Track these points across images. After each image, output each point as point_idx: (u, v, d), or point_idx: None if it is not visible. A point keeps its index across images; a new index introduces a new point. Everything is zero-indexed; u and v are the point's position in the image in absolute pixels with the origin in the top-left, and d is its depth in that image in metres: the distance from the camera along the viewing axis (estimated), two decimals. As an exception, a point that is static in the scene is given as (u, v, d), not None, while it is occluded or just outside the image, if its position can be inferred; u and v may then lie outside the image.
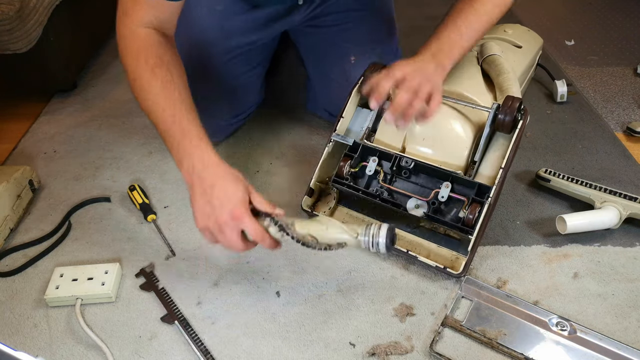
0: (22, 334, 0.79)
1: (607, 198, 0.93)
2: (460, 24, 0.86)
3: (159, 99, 0.78)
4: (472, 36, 0.86)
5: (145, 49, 0.80)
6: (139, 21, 0.81)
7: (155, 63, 0.79)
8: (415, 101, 0.79)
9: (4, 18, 1.08)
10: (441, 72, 0.83)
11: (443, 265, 0.83)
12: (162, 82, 0.78)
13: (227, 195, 0.72)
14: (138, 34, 0.81)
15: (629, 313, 0.80)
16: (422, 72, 0.80)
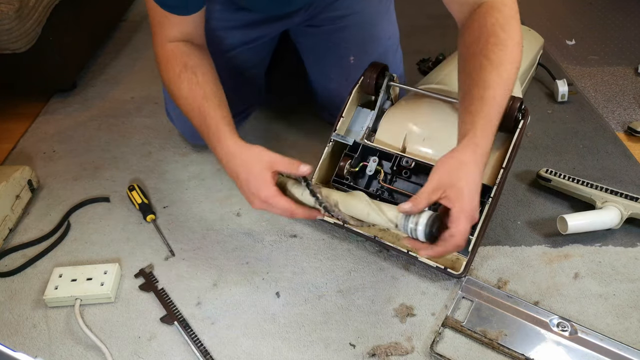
0: (21, 335, 0.79)
1: (608, 198, 0.93)
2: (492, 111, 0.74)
3: (188, 100, 0.84)
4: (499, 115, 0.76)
5: (171, 60, 0.85)
6: (166, 38, 0.86)
7: (180, 70, 0.84)
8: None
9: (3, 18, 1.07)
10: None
11: (443, 266, 0.83)
12: (187, 85, 0.83)
13: (251, 182, 0.75)
14: (166, 49, 0.86)
15: (630, 313, 0.80)
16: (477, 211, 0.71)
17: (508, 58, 0.75)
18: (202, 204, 1.02)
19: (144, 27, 1.72)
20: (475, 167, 0.70)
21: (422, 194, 0.71)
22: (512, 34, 0.76)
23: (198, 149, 1.16)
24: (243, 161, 0.77)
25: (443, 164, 0.71)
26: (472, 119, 0.73)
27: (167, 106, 1.13)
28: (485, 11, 0.78)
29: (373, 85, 0.95)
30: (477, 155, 0.71)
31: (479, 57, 0.76)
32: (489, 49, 0.75)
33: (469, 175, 0.69)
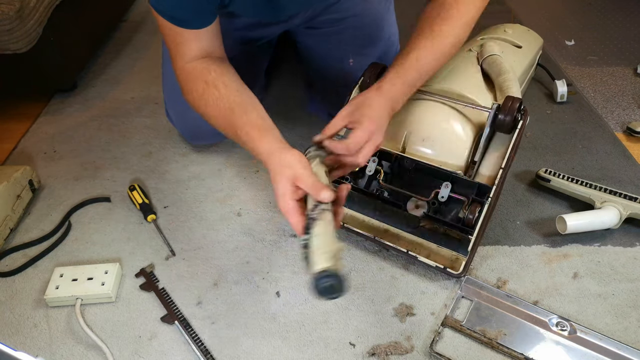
0: (22, 334, 0.79)
1: (607, 198, 0.93)
2: (421, 65, 0.83)
3: (218, 120, 0.83)
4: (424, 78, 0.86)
5: (192, 82, 0.84)
6: (185, 59, 0.85)
7: (202, 89, 0.83)
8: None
9: (4, 18, 1.08)
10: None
11: (443, 265, 0.83)
12: (212, 102, 0.82)
13: (276, 191, 0.74)
14: (185, 71, 0.85)
15: (629, 313, 0.80)
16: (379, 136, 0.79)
17: (449, 32, 0.82)
18: (202, 203, 1.02)
19: (144, 28, 1.72)
20: (378, 101, 0.79)
21: (331, 124, 0.79)
22: (463, 13, 0.83)
23: (198, 149, 1.16)
24: (273, 168, 0.76)
25: (351, 100, 0.81)
26: (388, 70, 0.83)
27: (167, 106, 1.13)
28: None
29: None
30: (379, 96, 0.80)
31: (424, 26, 0.84)
32: (436, 22, 0.83)
33: (372, 105, 0.79)
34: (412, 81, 0.82)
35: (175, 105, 1.09)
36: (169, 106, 1.12)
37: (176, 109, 1.09)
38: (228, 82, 0.84)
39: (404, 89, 0.82)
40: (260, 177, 1.08)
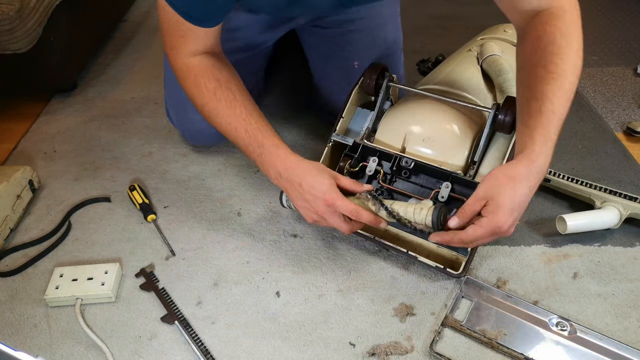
0: (22, 334, 0.79)
1: (607, 198, 0.93)
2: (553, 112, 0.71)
3: (229, 119, 0.83)
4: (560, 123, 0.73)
5: (202, 76, 0.83)
6: (189, 52, 0.84)
7: (215, 86, 0.83)
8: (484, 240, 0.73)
9: (4, 18, 1.08)
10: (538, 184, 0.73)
11: (443, 266, 0.83)
12: (226, 103, 0.83)
13: (316, 188, 0.77)
14: (192, 64, 0.84)
15: (629, 313, 0.80)
16: (516, 219, 0.72)
17: (569, 68, 0.72)
18: (202, 203, 1.02)
19: (144, 28, 1.72)
20: (525, 183, 0.69)
21: (467, 205, 0.73)
22: (572, 42, 0.73)
23: (198, 149, 1.16)
24: (308, 169, 0.79)
25: (493, 176, 0.72)
26: (530, 133, 0.71)
27: (168, 107, 1.13)
28: (545, 20, 0.75)
29: (373, 86, 0.95)
30: (530, 172, 0.70)
31: (537, 67, 0.74)
32: (548, 59, 0.73)
33: (515, 191, 0.69)
34: (557, 135, 0.72)
35: (176, 107, 1.09)
36: (170, 107, 1.12)
37: (177, 110, 1.09)
38: (239, 86, 0.85)
39: (553, 149, 0.71)
40: (260, 177, 1.08)
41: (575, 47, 0.73)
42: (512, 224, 0.70)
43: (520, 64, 0.79)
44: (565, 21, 0.74)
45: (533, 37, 0.76)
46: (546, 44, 0.73)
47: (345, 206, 0.77)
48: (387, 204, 0.79)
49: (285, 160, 0.80)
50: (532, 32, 0.76)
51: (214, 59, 0.85)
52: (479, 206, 0.72)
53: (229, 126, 0.83)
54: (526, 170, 0.69)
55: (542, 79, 0.72)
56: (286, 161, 0.80)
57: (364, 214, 0.77)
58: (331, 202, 0.76)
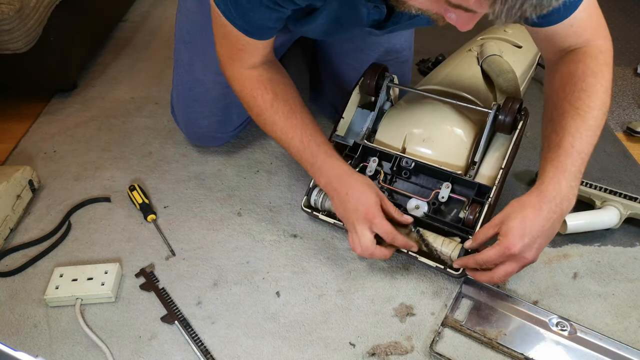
0: (22, 334, 0.79)
1: (608, 198, 0.93)
2: (578, 151, 0.72)
3: (285, 129, 0.86)
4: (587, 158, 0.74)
5: (259, 88, 0.86)
6: (247, 64, 0.86)
7: (272, 98, 0.86)
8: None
9: (4, 18, 1.08)
10: (561, 220, 0.74)
11: (443, 266, 0.83)
12: (283, 114, 0.86)
13: (361, 200, 0.80)
14: (250, 76, 0.87)
15: (629, 313, 0.80)
16: (537, 255, 0.73)
17: (595, 104, 0.72)
18: (202, 203, 1.02)
19: (144, 28, 1.72)
20: (535, 212, 0.71)
21: (481, 232, 0.77)
22: (602, 81, 0.74)
23: (198, 149, 1.16)
24: (359, 182, 0.82)
25: (509, 205, 0.74)
26: (545, 166, 0.73)
27: (175, 108, 1.12)
28: (580, 58, 0.75)
29: (373, 86, 0.95)
30: (541, 201, 0.71)
31: (563, 102, 0.74)
32: (575, 96, 0.73)
33: (525, 217, 0.71)
34: (577, 169, 0.72)
35: (185, 112, 1.08)
36: (178, 109, 1.10)
37: (186, 115, 1.08)
38: (296, 97, 0.89)
39: (570, 183, 0.71)
40: (260, 177, 1.08)
41: (605, 86, 0.74)
42: (523, 248, 0.71)
43: (547, 98, 0.80)
44: (598, 62, 0.75)
45: (564, 72, 0.76)
46: (576, 81, 0.74)
47: (383, 226, 0.79)
48: (419, 228, 0.84)
49: (338, 169, 0.83)
50: (563, 67, 0.77)
51: (271, 72, 0.88)
52: (492, 231, 0.75)
53: (285, 135, 0.86)
54: (536, 200, 0.71)
55: (566, 114, 0.73)
56: (338, 171, 0.83)
57: (399, 239, 0.80)
58: (371, 217, 0.79)
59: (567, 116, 0.73)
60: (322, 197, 0.92)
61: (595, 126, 0.73)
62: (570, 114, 0.73)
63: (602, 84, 0.74)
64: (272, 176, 1.08)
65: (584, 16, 0.75)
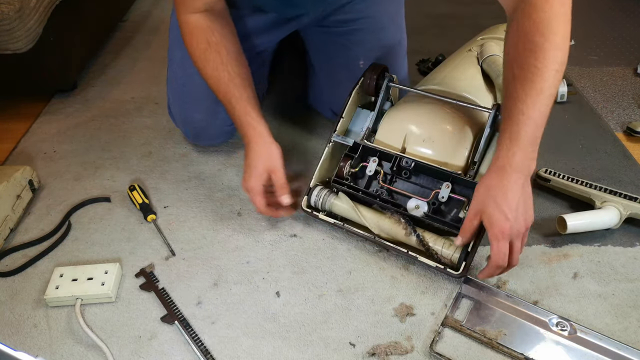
0: (22, 334, 0.79)
1: (607, 198, 0.93)
2: (529, 113, 0.71)
3: (212, 80, 0.92)
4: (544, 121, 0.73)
5: (196, 35, 0.90)
6: (190, 8, 0.90)
7: (204, 48, 0.90)
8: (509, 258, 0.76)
9: (4, 18, 1.08)
10: (529, 184, 0.75)
11: (443, 266, 0.83)
12: (212, 65, 0.90)
13: (251, 168, 0.90)
14: (190, 21, 0.90)
15: (629, 313, 0.80)
16: (519, 225, 0.74)
17: (544, 64, 0.70)
18: (202, 203, 1.02)
19: (144, 28, 1.72)
20: (503, 190, 0.72)
21: (465, 225, 0.78)
22: (550, 37, 0.70)
23: (198, 149, 1.16)
24: (255, 151, 0.91)
25: (476, 191, 0.77)
26: (500, 136, 0.74)
27: (171, 106, 1.12)
28: (526, 12, 0.71)
29: (373, 86, 0.95)
30: (502, 179, 0.72)
31: (513, 65, 0.73)
32: (523, 58, 0.71)
33: (497, 199, 0.73)
34: (531, 136, 0.72)
35: (180, 108, 1.09)
36: (173, 105, 1.11)
37: (181, 111, 1.09)
38: (230, 49, 0.92)
39: (525, 150, 0.72)
40: (260, 177, 1.08)
41: (555, 42, 0.70)
42: (513, 224, 0.73)
43: (504, 56, 0.79)
44: (545, 15, 0.70)
45: (513, 29, 0.74)
46: (524, 40, 0.71)
47: (256, 202, 0.90)
48: (419, 231, 0.84)
49: (250, 130, 0.91)
50: (513, 23, 0.75)
51: (210, 20, 0.91)
52: (476, 222, 0.77)
53: (212, 86, 0.92)
54: (498, 179, 0.73)
55: (516, 79, 0.72)
56: (249, 131, 0.91)
57: (264, 211, 0.91)
58: (249, 190, 0.90)
59: (516, 82, 0.72)
60: (322, 197, 0.92)
61: (546, 87, 0.70)
62: (519, 79, 0.71)
63: (551, 40, 0.70)
64: (272, 176, 1.08)
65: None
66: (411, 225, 0.85)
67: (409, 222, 0.85)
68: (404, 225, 0.85)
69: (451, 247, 0.83)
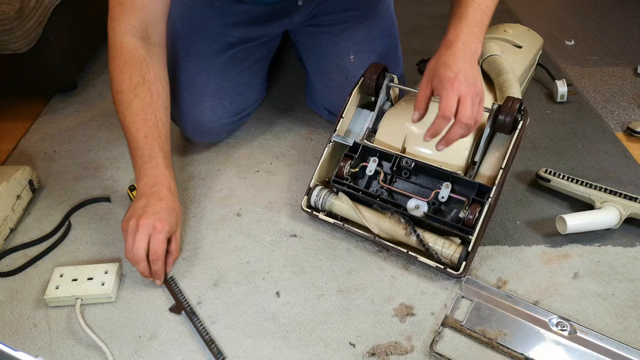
0: (22, 334, 0.79)
1: (607, 198, 0.93)
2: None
3: (136, 118, 0.84)
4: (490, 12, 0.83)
5: (130, 65, 0.85)
6: (125, 26, 0.86)
7: (138, 82, 0.85)
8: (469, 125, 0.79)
9: (4, 18, 1.08)
10: (477, 64, 0.81)
11: (443, 266, 0.83)
12: (141, 103, 0.84)
13: (141, 227, 0.79)
14: (126, 46, 0.87)
15: (629, 313, 0.80)
16: (468, 85, 0.77)
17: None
18: (202, 203, 1.02)
19: (144, 27, 1.72)
20: (452, 56, 0.78)
21: (419, 96, 0.82)
22: None
23: (198, 149, 1.16)
24: (174, 207, 0.84)
25: (429, 65, 0.81)
26: (449, 19, 0.83)
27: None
28: None
29: (373, 86, 0.95)
30: (450, 47, 0.79)
31: None
32: None
33: (447, 62, 0.78)
34: (478, 18, 0.80)
35: (176, 102, 1.09)
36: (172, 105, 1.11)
37: (177, 105, 1.09)
38: (162, 92, 0.88)
39: (472, 29, 0.80)
40: (260, 177, 1.08)
41: None
42: (462, 79, 0.76)
43: None
44: None
45: None
46: None
47: (141, 266, 0.80)
48: (419, 231, 0.84)
49: (167, 182, 0.84)
50: None
51: (147, 53, 0.87)
52: (428, 91, 0.81)
53: (133, 124, 0.84)
54: (446, 49, 0.79)
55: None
56: (166, 183, 0.84)
57: (142, 270, 0.81)
58: (136, 258, 0.79)
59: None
60: (322, 197, 0.92)
61: None
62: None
63: None
64: (271, 176, 1.08)
65: None
66: (411, 225, 0.85)
67: (409, 222, 0.85)
68: (404, 225, 0.86)
69: (451, 247, 0.83)
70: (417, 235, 0.84)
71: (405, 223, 0.85)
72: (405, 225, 0.85)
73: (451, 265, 0.82)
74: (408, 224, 0.85)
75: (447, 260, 0.83)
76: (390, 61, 1.10)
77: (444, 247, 0.83)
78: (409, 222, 0.85)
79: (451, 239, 0.84)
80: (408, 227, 0.85)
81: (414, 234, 0.84)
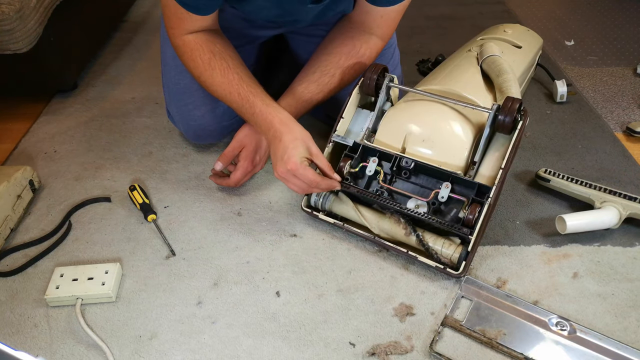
0: (22, 334, 0.79)
1: (607, 198, 0.93)
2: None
3: (223, 85, 0.92)
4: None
5: (197, 50, 0.92)
6: (185, 31, 0.92)
7: (209, 58, 0.92)
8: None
9: (4, 18, 1.08)
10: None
11: (443, 266, 0.83)
12: (220, 71, 0.92)
13: (287, 151, 0.86)
14: (188, 41, 0.93)
15: (629, 313, 0.80)
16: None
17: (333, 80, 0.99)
18: (202, 203, 1.02)
19: (144, 28, 1.72)
20: (253, 135, 0.98)
21: (224, 154, 0.99)
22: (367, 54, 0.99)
23: (199, 149, 1.16)
24: (291, 132, 0.88)
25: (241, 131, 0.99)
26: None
27: (168, 107, 1.13)
28: (354, 36, 0.99)
29: (373, 86, 0.96)
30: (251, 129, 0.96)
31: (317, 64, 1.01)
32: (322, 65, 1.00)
33: (249, 140, 0.98)
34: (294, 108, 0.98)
35: (177, 105, 1.09)
36: (171, 106, 1.12)
37: (179, 108, 1.09)
38: (233, 55, 0.94)
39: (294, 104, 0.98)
40: (260, 177, 1.08)
41: (342, 66, 0.99)
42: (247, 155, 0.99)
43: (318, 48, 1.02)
44: (358, 51, 0.99)
45: (341, 26, 1.01)
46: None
47: (306, 175, 0.85)
48: (419, 231, 0.85)
49: (275, 117, 0.89)
50: (337, 32, 1.01)
51: (208, 34, 0.93)
52: (234, 153, 0.98)
53: (224, 91, 0.92)
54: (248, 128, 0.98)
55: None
56: (275, 119, 0.89)
57: (323, 183, 0.87)
58: (292, 169, 0.85)
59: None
60: (322, 197, 0.92)
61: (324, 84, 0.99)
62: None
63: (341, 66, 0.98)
64: (272, 176, 1.08)
65: (392, 16, 0.95)
66: (411, 225, 0.85)
67: (408, 222, 0.86)
68: (404, 225, 0.86)
69: (451, 246, 0.83)
70: (417, 235, 0.84)
71: (405, 223, 0.86)
72: (405, 225, 0.85)
73: (451, 265, 0.83)
74: (408, 223, 0.85)
75: (446, 260, 0.83)
76: (387, 63, 1.10)
77: (444, 246, 0.83)
78: (408, 222, 0.86)
79: (451, 238, 0.84)
80: (408, 227, 0.85)
81: (414, 234, 0.84)
